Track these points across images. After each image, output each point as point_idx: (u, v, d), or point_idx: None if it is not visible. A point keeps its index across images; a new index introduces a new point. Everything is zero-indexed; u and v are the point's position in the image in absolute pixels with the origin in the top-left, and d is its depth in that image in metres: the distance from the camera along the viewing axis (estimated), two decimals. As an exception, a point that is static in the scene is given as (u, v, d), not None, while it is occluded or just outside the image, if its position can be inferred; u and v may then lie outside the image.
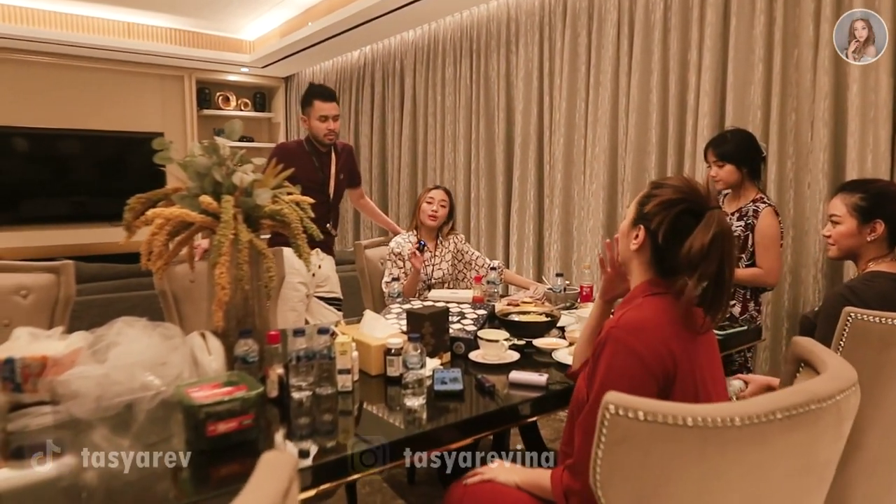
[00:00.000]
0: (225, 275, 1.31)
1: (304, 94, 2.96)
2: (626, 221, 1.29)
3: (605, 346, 1.11)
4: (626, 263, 1.30)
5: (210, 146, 1.40)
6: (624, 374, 1.07)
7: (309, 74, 6.80)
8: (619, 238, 1.33)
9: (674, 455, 0.74)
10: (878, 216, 1.59)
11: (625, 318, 1.13)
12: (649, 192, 1.24)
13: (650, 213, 1.20)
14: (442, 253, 2.84)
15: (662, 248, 1.18)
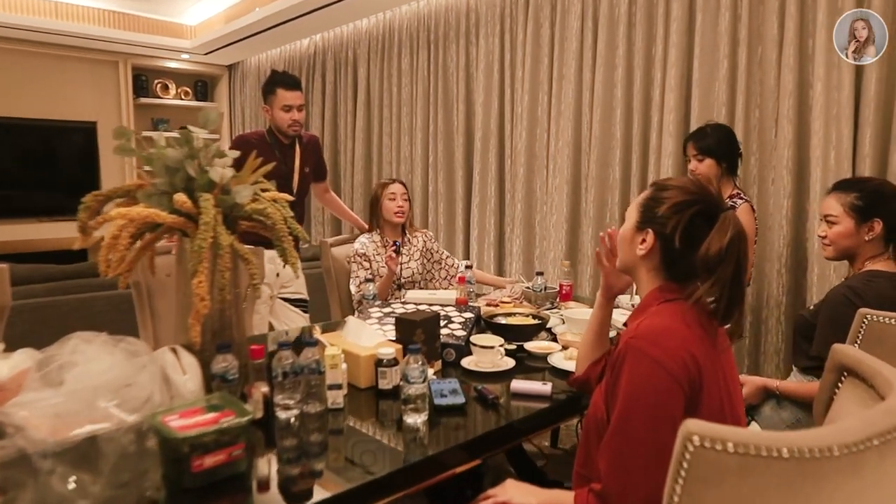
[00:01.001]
0: (204, 284, 1.15)
1: (266, 81, 2.77)
2: (629, 225, 1.21)
3: (625, 359, 1.04)
4: (630, 270, 1.23)
5: (182, 137, 1.23)
6: (648, 386, 1.00)
7: (255, 63, 6.50)
8: (620, 244, 1.25)
9: (766, 490, 0.66)
10: (876, 215, 1.58)
11: (642, 327, 1.06)
12: (656, 195, 1.17)
13: (663, 215, 1.13)
14: (410, 251, 2.72)
15: (675, 252, 1.12)
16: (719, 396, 1.04)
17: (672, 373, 0.99)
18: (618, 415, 1.02)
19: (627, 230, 1.22)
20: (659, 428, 0.98)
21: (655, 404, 0.99)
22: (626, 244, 1.22)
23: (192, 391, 1.20)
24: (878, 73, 2.62)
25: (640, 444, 0.99)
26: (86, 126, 6.00)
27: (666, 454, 0.97)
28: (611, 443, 1.03)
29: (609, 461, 1.03)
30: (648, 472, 0.98)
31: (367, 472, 1.09)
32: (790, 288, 2.95)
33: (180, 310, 1.33)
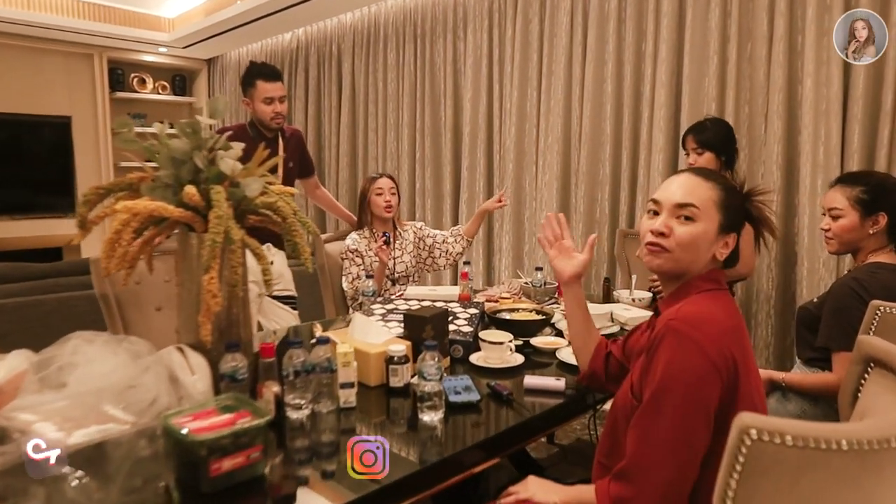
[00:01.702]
0: (216, 280, 1.10)
1: (245, 73, 2.70)
2: (710, 228, 1.11)
3: (663, 340, 1.01)
4: (687, 270, 1.13)
5: (189, 127, 1.18)
6: (687, 367, 0.98)
7: (235, 57, 6.38)
8: (696, 246, 1.11)
9: (826, 483, 0.65)
10: (881, 209, 1.60)
11: (684, 311, 1.04)
12: (732, 193, 1.14)
13: (744, 211, 1.17)
14: (402, 245, 2.68)
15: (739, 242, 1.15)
16: (750, 391, 1.02)
17: (712, 359, 0.97)
18: (651, 394, 1.00)
19: (710, 234, 1.11)
20: (691, 412, 0.97)
21: (691, 387, 0.98)
22: (704, 247, 1.12)
23: (202, 392, 1.16)
24: (865, 70, 2.65)
25: (670, 425, 0.98)
26: (60, 121, 5.83)
27: (694, 439, 0.97)
28: (641, 421, 1.02)
29: (636, 439, 1.02)
30: (675, 454, 0.98)
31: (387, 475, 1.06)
32: (780, 283, 2.98)
33: (184, 309, 1.29)
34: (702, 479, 0.99)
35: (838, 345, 1.54)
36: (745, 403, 0.99)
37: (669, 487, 0.98)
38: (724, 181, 1.16)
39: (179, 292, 1.33)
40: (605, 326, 1.89)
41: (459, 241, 2.75)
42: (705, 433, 0.98)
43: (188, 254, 1.25)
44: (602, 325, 1.88)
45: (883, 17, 2.61)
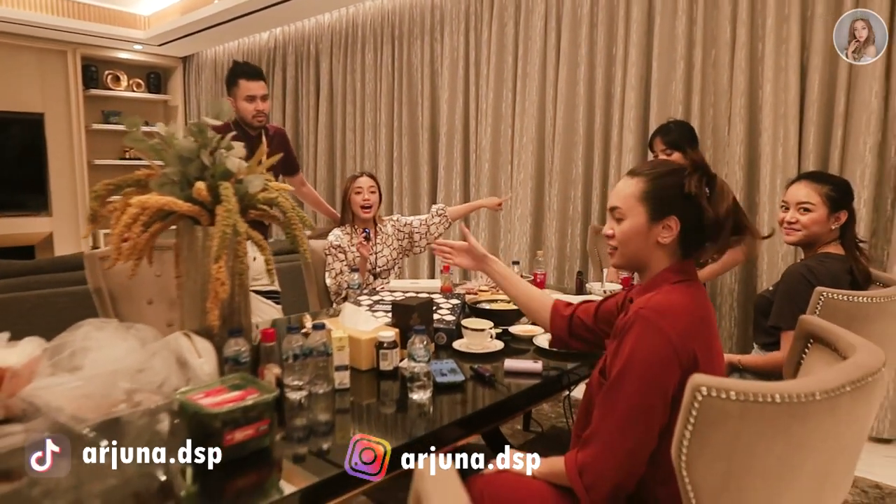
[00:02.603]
0: (224, 269, 1.19)
1: (228, 73, 2.77)
2: (639, 222, 1.20)
3: (632, 326, 1.11)
4: (641, 262, 1.24)
5: (197, 127, 1.26)
6: (651, 353, 1.07)
7: (211, 55, 6.39)
8: (625, 242, 1.23)
9: (762, 432, 0.77)
10: (844, 207, 1.75)
11: (654, 300, 1.13)
12: (656, 183, 1.20)
13: (680, 198, 1.18)
14: (383, 239, 2.78)
15: (693, 229, 1.19)
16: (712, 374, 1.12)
17: (674, 347, 1.07)
18: (617, 373, 1.11)
19: (637, 226, 1.20)
20: (650, 391, 1.08)
21: (653, 369, 1.08)
22: (640, 239, 1.21)
23: (209, 374, 1.24)
24: (820, 76, 2.84)
25: (630, 402, 1.09)
26: (32, 118, 5.78)
27: (651, 415, 1.09)
28: (606, 396, 1.13)
29: (602, 411, 1.13)
30: (632, 426, 1.09)
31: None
32: (742, 277, 3.16)
33: (188, 297, 1.37)
34: (660, 448, 1.10)
35: (787, 324, 1.69)
36: None
37: (627, 456, 1.10)
38: (653, 171, 1.22)
39: (181, 282, 1.41)
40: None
41: (443, 223, 2.84)
42: (662, 411, 1.09)
43: (193, 246, 1.33)
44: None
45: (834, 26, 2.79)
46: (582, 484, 1.11)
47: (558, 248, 3.84)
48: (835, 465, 0.84)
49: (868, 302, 1.42)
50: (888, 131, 2.72)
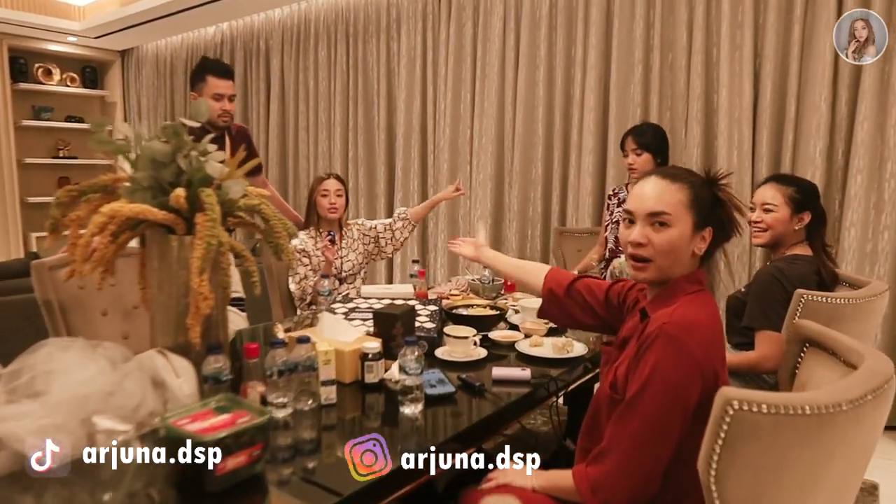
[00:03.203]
0: (206, 283, 1.10)
1: (196, 68, 2.64)
2: (685, 230, 1.14)
3: (654, 343, 1.06)
4: (673, 271, 1.17)
5: (171, 129, 1.16)
6: (675, 371, 1.04)
7: (152, 49, 6.09)
8: (669, 252, 1.15)
9: (793, 443, 0.77)
10: (807, 208, 1.80)
11: (677, 315, 1.08)
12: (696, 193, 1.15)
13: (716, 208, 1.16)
14: (348, 243, 2.71)
15: (718, 238, 1.18)
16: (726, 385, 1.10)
17: (700, 364, 1.04)
18: (637, 389, 1.07)
19: (685, 235, 1.14)
20: (672, 409, 1.05)
21: (676, 388, 1.04)
22: (683, 249, 1.15)
23: (189, 394, 1.15)
24: (772, 82, 2.94)
25: (650, 418, 1.05)
26: (-47, 113, 5.36)
27: (670, 434, 1.06)
28: (623, 413, 1.09)
29: (618, 427, 1.09)
30: (650, 445, 1.06)
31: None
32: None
33: (162, 312, 1.27)
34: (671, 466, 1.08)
35: (760, 324, 1.73)
36: None
37: (644, 474, 1.07)
38: (689, 177, 1.18)
39: (147, 295, 1.31)
40: (555, 319, 2.00)
41: (406, 227, 2.80)
42: (680, 429, 1.06)
43: (166, 256, 1.23)
44: (552, 318, 1.99)
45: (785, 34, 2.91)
46: (595, 501, 1.08)
47: (518, 249, 3.85)
48: (854, 472, 0.85)
49: (845, 303, 1.46)
50: (835, 135, 2.85)
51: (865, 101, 2.70)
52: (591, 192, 3.51)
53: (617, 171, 3.39)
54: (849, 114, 2.81)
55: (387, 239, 2.78)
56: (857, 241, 2.74)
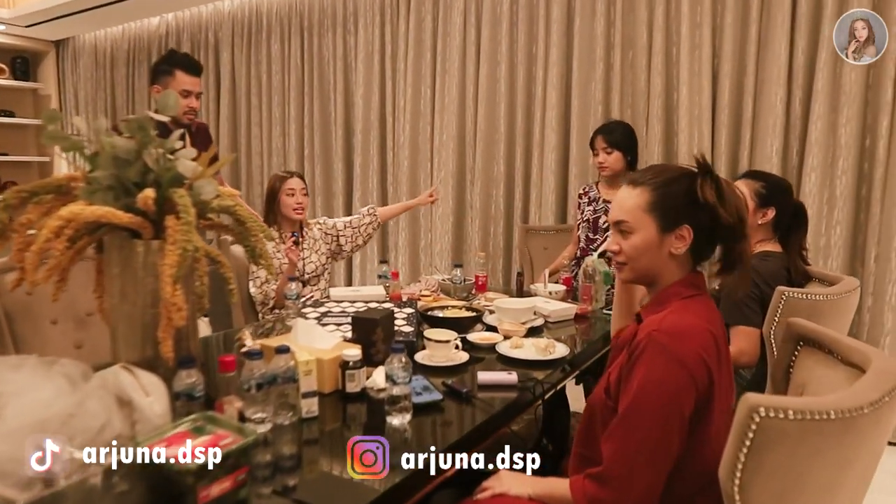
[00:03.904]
0: (181, 292, 1.01)
1: (163, 60, 2.49)
2: (647, 235, 1.14)
3: (645, 351, 1.04)
4: (653, 273, 1.17)
5: (136, 123, 1.06)
6: (666, 380, 1.02)
7: (90, 39, 5.77)
8: (644, 252, 1.15)
9: (818, 448, 0.75)
10: (772, 204, 1.83)
11: (667, 322, 1.06)
12: (663, 191, 1.13)
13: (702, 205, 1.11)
14: (311, 244, 2.61)
15: (705, 236, 1.14)
16: (722, 392, 1.08)
17: (691, 372, 1.02)
18: (630, 403, 1.04)
19: (648, 239, 1.14)
20: (667, 422, 1.02)
21: (670, 399, 1.02)
22: (652, 252, 1.14)
23: (160, 414, 1.05)
24: (730, 81, 3.00)
25: (649, 434, 1.03)
26: None
27: (670, 446, 1.03)
28: (619, 430, 1.06)
29: (615, 448, 1.06)
30: (653, 462, 1.03)
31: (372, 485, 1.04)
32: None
33: (125, 323, 1.16)
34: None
35: (735, 320, 1.75)
36: (719, 402, 1.07)
37: (647, 492, 1.04)
38: (655, 178, 1.15)
39: (105, 304, 1.19)
40: (530, 320, 1.97)
41: (374, 223, 2.72)
42: (680, 438, 1.04)
43: (130, 263, 1.13)
44: (527, 319, 1.96)
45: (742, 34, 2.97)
46: None
47: (481, 246, 3.81)
48: (869, 472, 0.84)
49: (824, 300, 1.48)
50: (790, 134, 2.93)
51: (819, 101, 2.79)
52: (553, 190, 3.51)
53: (580, 169, 3.40)
54: (803, 113, 2.89)
55: (347, 237, 2.70)
56: (812, 237, 2.82)
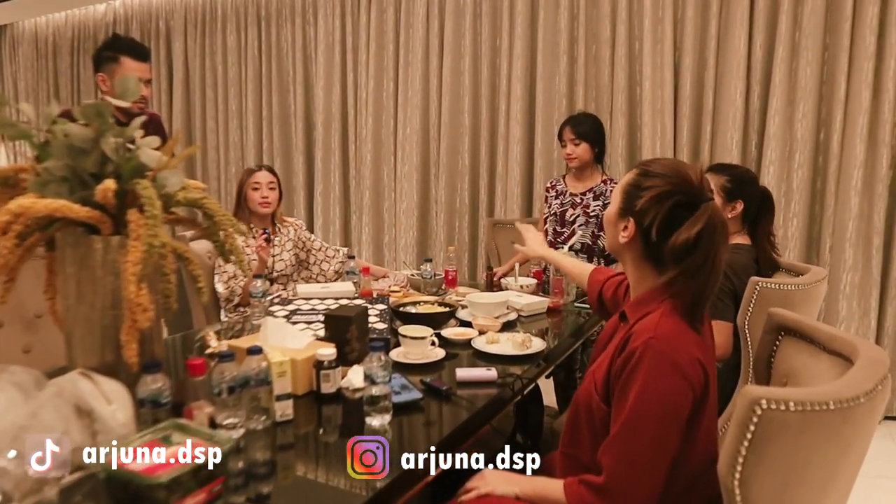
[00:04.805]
0: (146, 291, 0.93)
1: (106, 46, 2.34)
2: (613, 209, 1.18)
3: (642, 360, 1.01)
4: (617, 253, 1.21)
5: (93, 110, 0.97)
6: (667, 389, 1.00)
7: (31, 27, 5.47)
8: (606, 226, 1.22)
9: (819, 439, 0.75)
10: (739, 197, 1.84)
11: (662, 328, 1.03)
12: (638, 181, 1.13)
13: (642, 208, 1.10)
14: (282, 242, 2.53)
15: (654, 243, 1.11)
16: (713, 391, 1.07)
17: (689, 378, 1.00)
18: (629, 413, 1.01)
19: (612, 214, 1.19)
20: (669, 431, 1.00)
21: (670, 408, 1.00)
22: (611, 227, 1.20)
23: (124, 423, 0.98)
24: (691, 75, 3.05)
25: (650, 445, 1.00)
26: None
27: (670, 452, 1.01)
28: (619, 441, 1.03)
29: (616, 458, 1.03)
30: (654, 472, 1.01)
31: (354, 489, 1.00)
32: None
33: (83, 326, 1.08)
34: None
35: (710, 314, 1.76)
36: (711, 400, 1.07)
37: (646, 500, 1.02)
38: (644, 166, 1.16)
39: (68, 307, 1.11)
40: (504, 314, 1.95)
41: (342, 267, 2.59)
42: (678, 442, 1.02)
43: (88, 261, 1.04)
44: (501, 313, 1.93)
45: (703, 29, 3.01)
46: None
47: (446, 241, 3.78)
48: (862, 459, 0.85)
49: (796, 289, 1.50)
50: (749, 127, 2.99)
51: (776, 96, 2.85)
52: (519, 183, 3.50)
53: (545, 162, 3.40)
54: (761, 107, 2.96)
55: (317, 259, 2.61)
56: (770, 228, 2.89)
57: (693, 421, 1.04)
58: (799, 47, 2.83)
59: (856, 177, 2.74)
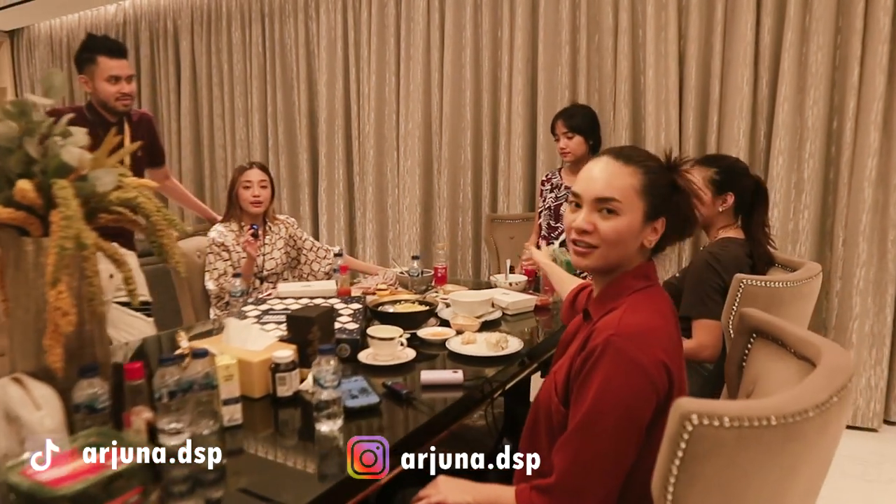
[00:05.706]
0: (67, 295, 0.90)
1: (82, 48, 2.33)
2: (634, 219, 1.03)
3: (603, 356, 0.94)
4: (619, 263, 1.07)
5: (17, 107, 0.95)
6: (626, 389, 0.93)
7: (45, 30, 5.55)
8: (614, 244, 1.04)
9: (758, 457, 0.68)
10: (730, 189, 1.76)
11: (624, 323, 0.97)
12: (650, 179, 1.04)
13: (673, 198, 1.05)
14: (273, 240, 2.50)
15: (673, 231, 1.07)
16: (682, 392, 1.00)
17: (652, 378, 0.94)
18: (586, 413, 0.95)
19: (634, 225, 1.04)
20: (626, 434, 0.94)
21: (629, 409, 0.94)
22: (631, 240, 1.05)
23: (52, 430, 0.96)
24: (696, 63, 2.93)
25: (606, 448, 0.94)
26: None
27: (626, 458, 0.95)
28: (572, 441, 0.97)
29: (568, 459, 0.97)
30: (607, 477, 0.95)
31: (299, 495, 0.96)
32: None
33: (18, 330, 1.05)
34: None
35: (698, 312, 1.68)
36: None
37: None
38: (646, 160, 1.07)
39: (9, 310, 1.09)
40: (488, 313, 1.89)
41: (332, 265, 2.55)
42: (636, 449, 0.95)
43: (21, 264, 1.02)
44: (483, 312, 1.88)
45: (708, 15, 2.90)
46: None
47: (450, 237, 3.73)
48: (819, 476, 0.77)
49: (784, 286, 1.42)
50: (757, 116, 2.87)
51: (785, 83, 2.73)
52: (521, 178, 3.42)
53: (547, 155, 3.32)
54: (770, 95, 2.83)
55: (308, 259, 2.58)
56: (780, 221, 2.77)
57: (654, 428, 0.96)
58: (809, 31, 2.69)
59: (870, 166, 2.61)
